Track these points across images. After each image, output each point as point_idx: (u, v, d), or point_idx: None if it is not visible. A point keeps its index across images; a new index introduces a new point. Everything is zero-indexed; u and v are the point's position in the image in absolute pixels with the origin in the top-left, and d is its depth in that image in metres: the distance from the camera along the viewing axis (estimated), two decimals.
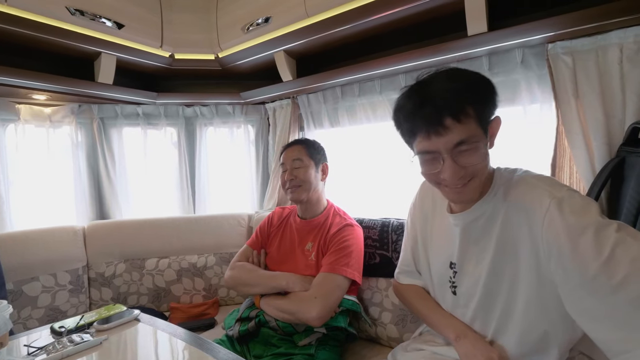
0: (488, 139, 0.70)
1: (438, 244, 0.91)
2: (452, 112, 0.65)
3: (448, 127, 0.65)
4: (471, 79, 0.69)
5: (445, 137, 0.66)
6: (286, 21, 1.44)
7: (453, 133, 0.66)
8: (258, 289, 1.26)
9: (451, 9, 1.20)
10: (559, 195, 0.64)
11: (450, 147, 0.66)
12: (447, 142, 0.66)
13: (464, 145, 0.66)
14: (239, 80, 2.02)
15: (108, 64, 1.58)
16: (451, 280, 0.85)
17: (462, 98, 0.66)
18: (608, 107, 1.03)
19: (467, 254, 0.81)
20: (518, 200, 0.70)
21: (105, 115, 1.89)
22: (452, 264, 0.85)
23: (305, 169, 1.29)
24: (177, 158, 2.04)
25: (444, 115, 0.65)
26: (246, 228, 1.88)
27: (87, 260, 1.70)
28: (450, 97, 0.66)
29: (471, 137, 0.66)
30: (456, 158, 0.67)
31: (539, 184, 0.69)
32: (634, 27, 0.97)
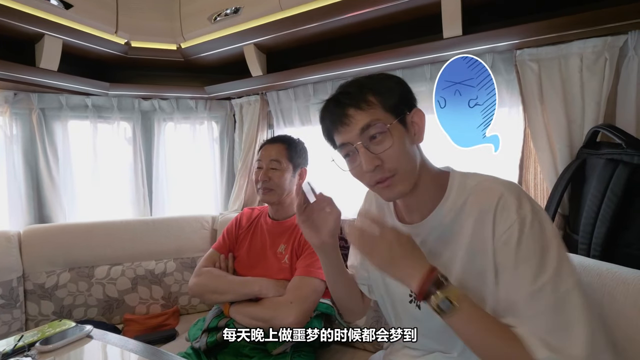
0: (408, 130, 0.70)
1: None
2: (353, 102, 0.69)
3: (351, 115, 0.68)
4: (375, 75, 0.73)
5: (351, 126, 0.69)
6: (258, 13, 1.37)
7: (356, 120, 0.68)
8: (228, 296, 1.17)
9: (427, 11, 1.22)
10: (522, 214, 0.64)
11: (357, 134, 0.68)
12: (353, 129, 0.68)
13: (371, 130, 0.67)
14: (202, 73, 1.90)
15: (52, 48, 1.40)
16: (413, 294, 0.78)
17: (363, 89, 0.70)
18: (570, 112, 1.10)
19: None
20: (489, 208, 0.67)
21: (47, 106, 1.68)
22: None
23: (282, 173, 1.23)
24: (131, 156, 1.87)
25: (346, 107, 0.69)
26: (210, 231, 1.77)
27: (23, 270, 1.49)
28: (352, 90, 0.70)
29: (375, 120, 0.67)
30: (367, 146, 0.68)
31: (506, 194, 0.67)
32: (593, 38, 1.04)
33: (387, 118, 0.68)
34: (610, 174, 0.87)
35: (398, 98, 0.70)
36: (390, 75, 0.74)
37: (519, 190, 0.68)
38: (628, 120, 1.02)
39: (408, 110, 0.71)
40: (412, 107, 0.72)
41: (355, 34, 1.45)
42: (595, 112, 1.06)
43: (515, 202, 0.65)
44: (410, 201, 0.76)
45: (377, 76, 0.73)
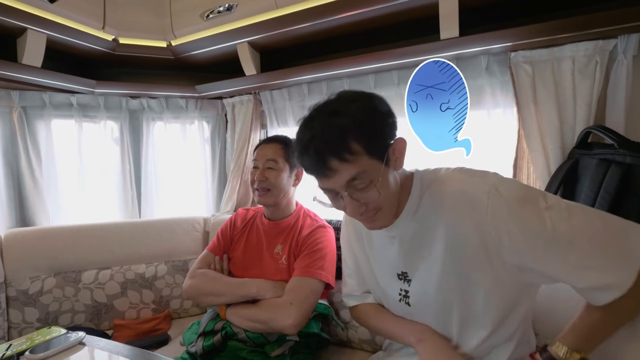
0: (390, 165, 0.68)
1: (379, 257, 0.87)
2: (335, 154, 0.63)
3: (334, 169, 0.64)
4: (355, 109, 0.65)
5: (334, 179, 0.65)
6: (253, 11, 1.36)
7: (341, 174, 0.64)
8: (224, 298, 1.15)
9: (423, 12, 1.23)
10: (491, 182, 0.67)
11: (342, 186, 0.66)
12: (338, 182, 0.65)
13: (356, 182, 0.65)
14: (193, 72, 1.85)
15: (36, 43, 1.34)
16: (402, 291, 0.81)
17: (345, 136, 0.63)
18: (562, 113, 1.13)
19: (413, 263, 0.78)
20: (456, 199, 0.69)
21: (29, 104, 1.60)
22: (401, 274, 0.81)
23: (278, 173, 1.21)
24: (119, 156, 1.81)
25: (327, 158, 0.63)
26: (202, 233, 1.74)
27: (4, 276, 1.42)
28: (332, 137, 0.63)
29: (361, 173, 0.64)
30: (353, 194, 0.66)
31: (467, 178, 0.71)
32: (585, 42, 1.07)
33: (372, 165, 0.65)
34: (604, 174, 0.90)
35: (382, 135, 0.67)
36: (370, 105, 0.67)
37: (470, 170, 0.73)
38: (617, 121, 1.05)
39: (390, 143, 0.68)
40: (393, 138, 0.69)
41: (350, 34, 1.45)
42: (586, 113, 1.08)
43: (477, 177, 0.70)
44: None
45: (360, 109, 0.65)
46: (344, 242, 0.99)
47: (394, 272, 0.82)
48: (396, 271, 0.82)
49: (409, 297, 0.80)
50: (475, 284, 0.71)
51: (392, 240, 0.80)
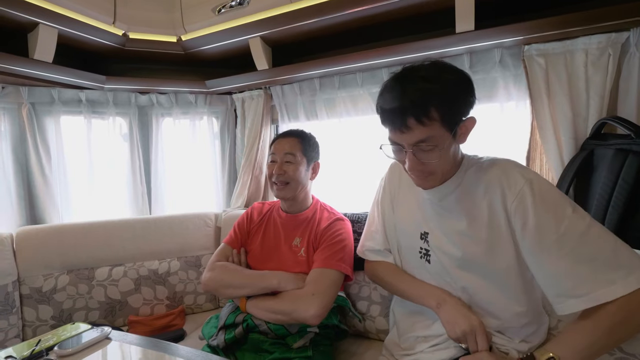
0: (456, 138, 0.75)
1: (406, 216, 0.95)
2: (415, 114, 0.70)
3: (410, 127, 0.71)
4: (445, 81, 0.72)
5: (407, 135, 0.73)
6: (266, 5, 1.35)
7: (414, 133, 0.72)
8: (245, 290, 1.15)
9: (438, 6, 1.24)
10: (528, 177, 0.74)
11: (411, 144, 0.73)
12: (409, 139, 0.73)
13: (423, 144, 0.73)
14: (202, 67, 1.85)
15: (47, 38, 1.32)
16: (423, 250, 0.90)
17: (427, 101, 0.70)
18: (575, 105, 1.15)
19: (441, 224, 0.86)
20: (494, 179, 0.77)
21: (38, 101, 1.58)
22: (424, 234, 0.89)
23: (296, 166, 1.21)
24: (128, 152, 1.80)
25: (407, 116, 0.71)
26: (213, 228, 1.74)
27: (18, 274, 1.41)
28: (417, 99, 0.70)
29: (431, 137, 0.72)
30: (417, 153, 0.74)
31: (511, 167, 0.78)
32: (597, 34, 1.09)
33: (442, 134, 0.73)
34: (621, 163, 0.93)
35: (459, 111, 0.74)
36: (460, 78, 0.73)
37: (516, 162, 0.80)
38: (629, 113, 1.08)
39: (464, 119, 0.75)
40: (466, 115, 0.75)
41: (363, 28, 1.45)
42: (599, 105, 1.11)
43: (518, 169, 0.77)
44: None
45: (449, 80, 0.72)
46: (377, 204, 1.08)
47: (417, 232, 0.91)
48: (420, 230, 0.90)
49: (430, 255, 0.88)
50: (498, 253, 0.78)
51: (425, 202, 0.89)
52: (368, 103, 1.52)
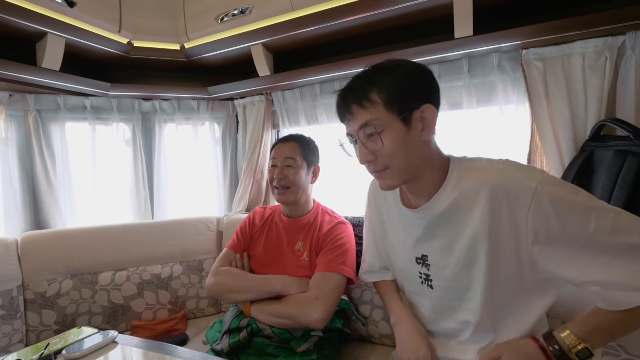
0: (411, 128, 0.70)
1: (397, 240, 0.89)
2: (357, 99, 0.71)
3: (354, 113, 0.72)
4: (392, 68, 0.71)
5: (352, 122, 0.73)
6: (269, 13, 1.38)
7: (357, 118, 0.72)
8: (250, 295, 1.16)
9: (437, 13, 1.26)
10: (538, 178, 0.66)
11: (356, 130, 0.72)
12: (354, 125, 0.73)
13: (368, 129, 0.70)
14: (204, 74, 1.87)
15: (55, 48, 1.35)
16: (423, 275, 0.83)
17: (369, 85, 0.70)
18: (574, 108, 1.17)
19: (437, 247, 0.79)
20: (495, 190, 0.69)
21: (44, 108, 1.61)
22: (421, 258, 0.83)
23: (297, 170, 1.23)
24: (131, 158, 1.82)
25: (350, 103, 0.72)
26: (216, 233, 1.75)
27: (22, 279, 1.42)
28: (358, 85, 0.72)
29: (373, 120, 0.70)
30: (365, 142, 0.72)
31: (512, 171, 0.70)
32: (594, 39, 1.11)
33: (387, 117, 0.69)
34: (621, 164, 0.94)
35: (406, 95, 0.70)
36: (409, 67, 0.72)
37: (515, 163, 0.74)
38: (628, 114, 1.09)
39: (417, 107, 0.70)
40: (422, 103, 0.71)
41: (364, 35, 1.47)
42: (597, 107, 1.12)
43: (523, 171, 0.70)
44: (414, 189, 0.80)
45: (393, 68, 0.71)
46: (366, 221, 1.06)
47: (413, 256, 0.85)
48: (415, 255, 0.84)
49: (431, 280, 0.82)
50: (500, 270, 0.72)
51: (419, 223, 0.81)
52: None
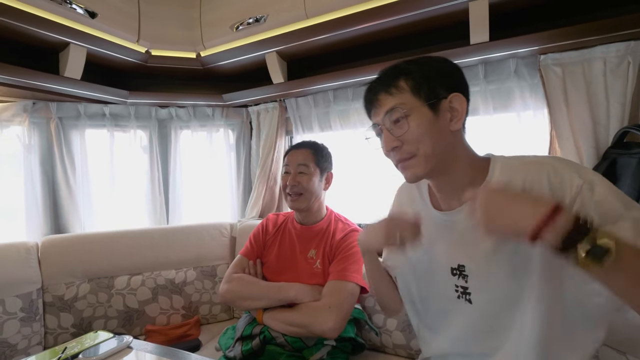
0: (439, 116, 0.69)
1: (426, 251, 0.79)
2: (384, 87, 0.71)
3: (380, 99, 0.72)
4: (419, 59, 0.73)
5: (378, 109, 0.72)
6: (283, 21, 1.40)
7: (384, 104, 0.71)
8: (263, 302, 1.16)
9: (452, 18, 1.25)
10: (588, 177, 0.60)
11: (382, 116, 0.71)
12: (380, 112, 0.72)
13: (393, 114, 0.69)
14: (219, 81, 1.90)
15: (77, 57, 1.39)
16: (460, 287, 0.75)
17: (396, 74, 0.71)
18: (595, 114, 1.13)
19: (474, 255, 0.72)
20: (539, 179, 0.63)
21: (65, 115, 1.66)
22: (457, 268, 0.75)
23: (310, 177, 1.23)
24: (148, 164, 1.86)
25: (377, 91, 0.72)
26: (229, 238, 1.76)
27: (42, 282, 1.45)
28: (386, 75, 0.72)
29: (400, 104, 0.69)
30: (390, 128, 0.71)
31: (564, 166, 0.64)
32: (615, 43, 1.08)
33: (413, 102, 0.68)
34: None
35: (433, 82, 0.69)
36: (435, 58, 0.73)
37: (570, 161, 0.67)
38: None
39: (445, 95, 0.69)
40: (450, 92, 0.69)
41: (379, 41, 1.47)
42: (620, 113, 1.09)
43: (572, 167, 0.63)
44: (443, 187, 0.76)
45: (419, 60, 0.72)
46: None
47: (447, 267, 0.76)
48: (450, 265, 0.76)
49: (469, 293, 0.74)
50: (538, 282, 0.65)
51: (451, 227, 0.75)
52: None
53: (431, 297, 0.83)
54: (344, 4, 1.27)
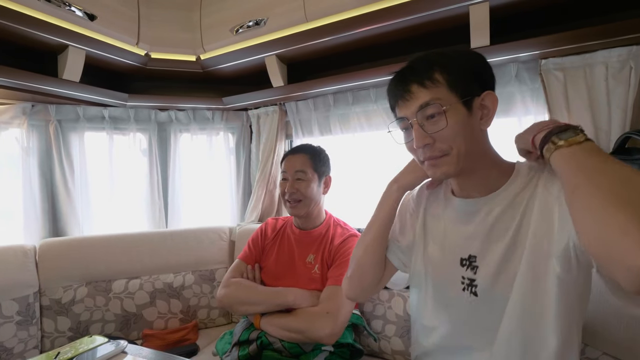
0: (472, 113, 0.67)
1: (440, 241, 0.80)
2: (418, 78, 0.67)
3: (413, 92, 0.68)
4: (451, 51, 0.69)
5: (411, 102, 0.68)
6: (283, 24, 1.39)
7: (417, 98, 0.67)
8: (260, 307, 1.15)
9: (453, 22, 1.25)
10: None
11: (414, 111, 0.67)
12: (412, 105, 0.68)
13: (429, 109, 0.66)
14: (218, 84, 1.90)
15: (76, 59, 1.39)
16: (467, 279, 0.73)
17: (431, 64, 0.67)
18: (596, 119, 1.12)
19: (488, 247, 0.71)
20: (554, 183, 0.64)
21: (64, 118, 1.65)
22: (467, 259, 0.74)
23: (308, 183, 1.21)
24: (147, 167, 1.85)
25: (409, 82, 0.68)
26: (228, 242, 1.75)
27: (39, 285, 1.44)
28: (419, 65, 0.69)
29: (435, 99, 0.66)
30: (422, 123, 0.67)
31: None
32: (617, 47, 1.07)
33: (449, 98, 0.66)
34: None
35: (469, 78, 0.67)
36: (467, 52, 0.71)
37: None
38: None
39: (478, 93, 0.67)
40: (484, 90, 0.68)
41: (378, 45, 1.46)
42: (621, 119, 1.08)
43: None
44: (464, 183, 0.75)
45: (452, 52, 0.69)
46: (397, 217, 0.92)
47: (457, 257, 0.75)
48: (460, 255, 0.75)
49: (475, 285, 0.72)
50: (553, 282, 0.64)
51: (472, 217, 0.73)
52: (382, 118, 1.52)
53: (438, 285, 0.80)
54: (344, 7, 1.26)
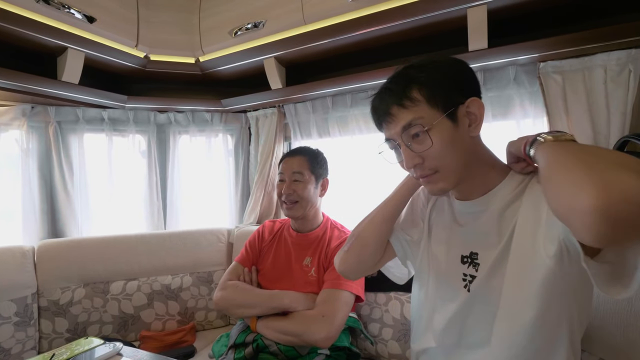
0: (458, 124, 0.65)
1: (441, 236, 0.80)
2: (396, 100, 0.67)
3: (393, 114, 0.67)
4: (430, 63, 0.67)
5: (394, 124, 0.68)
6: (281, 27, 1.39)
7: (399, 119, 0.67)
8: (256, 310, 1.15)
9: (451, 25, 1.24)
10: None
11: (399, 132, 0.67)
12: (396, 127, 0.68)
13: (412, 129, 0.65)
14: (217, 86, 1.91)
15: (75, 61, 1.40)
16: (469, 276, 0.73)
17: (407, 83, 0.66)
18: (595, 123, 1.11)
19: (490, 245, 0.70)
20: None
21: (64, 119, 1.66)
22: (468, 256, 0.73)
23: (305, 185, 1.21)
24: (146, 169, 1.85)
25: (389, 104, 0.67)
26: (226, 244, 1.75)
27: (37, 286, 1.45)
28: (395, 85, 0.68)
29: (417, 118, 0.65)
30: (409, 143, 0.67)
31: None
32: (616, 51, 1.06)
33: (431, 115, 0.64)
34: None
35: (449, 88, 0.66)
36: (445, 61, 0.68)
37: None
38: None
39: (462, 101, 0.66)
40: (467, 97, 0.66)
41: (377, 47, 1.46)
42: (620, 122, 1.07)
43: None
44: (463, 188, 0.74)
45: (429, 64, 0.67)
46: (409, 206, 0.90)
47: (458, 255, 0.75)
48: (461, 253, 0.75)
49: (471, 281, 0.72)
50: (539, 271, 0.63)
51: (472, 217, 0.73)
52: None
53: (437, 289, 0.79)
54: (342, 10, 1.26)
